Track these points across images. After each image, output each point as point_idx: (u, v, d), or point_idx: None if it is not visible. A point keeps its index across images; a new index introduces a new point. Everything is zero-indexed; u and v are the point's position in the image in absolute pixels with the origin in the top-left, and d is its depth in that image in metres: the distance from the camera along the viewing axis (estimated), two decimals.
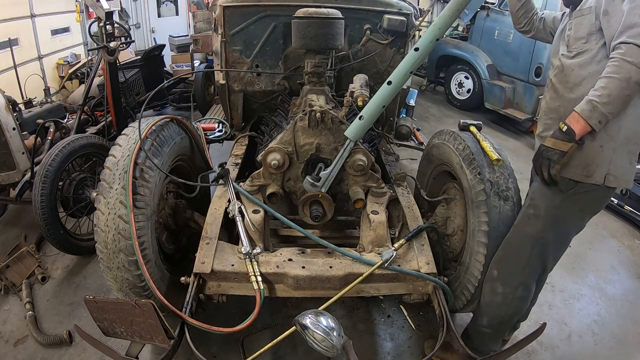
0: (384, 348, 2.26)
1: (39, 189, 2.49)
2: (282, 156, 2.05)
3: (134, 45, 6.34)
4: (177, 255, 2.30)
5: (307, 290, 1.80)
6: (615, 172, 1.57)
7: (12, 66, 4.49)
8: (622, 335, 2.45)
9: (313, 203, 2.06)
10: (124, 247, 1.73)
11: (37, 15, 5.17)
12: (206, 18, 6.91)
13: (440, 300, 1.76)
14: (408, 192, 2.33)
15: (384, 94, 1.80)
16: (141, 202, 1.78)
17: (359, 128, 1.88)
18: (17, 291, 2.56)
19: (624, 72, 1.40)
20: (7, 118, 2.78)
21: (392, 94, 1.78)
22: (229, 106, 2.93)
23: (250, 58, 2.70)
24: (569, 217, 1.70)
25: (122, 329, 1.53)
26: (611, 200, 3.77)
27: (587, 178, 1.58)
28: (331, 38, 2.17)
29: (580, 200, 1.64)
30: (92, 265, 2.79)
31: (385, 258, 1.77)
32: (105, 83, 3.74)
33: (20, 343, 2.22)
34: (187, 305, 1.64)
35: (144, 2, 7.34)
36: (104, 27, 3.42)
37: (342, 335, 1.44)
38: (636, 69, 1.39)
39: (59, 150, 2.62)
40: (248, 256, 1.75)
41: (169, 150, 2.03)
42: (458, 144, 2.11)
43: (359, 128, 1.88)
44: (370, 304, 2.52)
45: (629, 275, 2.99)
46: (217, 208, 2.04)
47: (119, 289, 1.84)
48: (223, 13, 2.57)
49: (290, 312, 2.38)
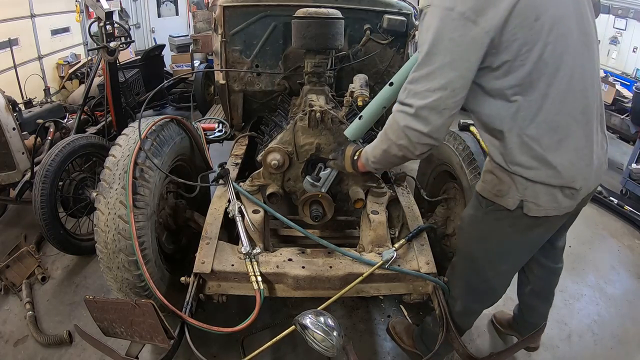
0: (384, 348, 2.26)
1: (39, 189, 2.49)
2: (282, 156, 2.05)
3: (134, 45, 6.33)
4: (177, 255, 2.30)
5: (307, 290, 1.79)
6: (535, 199, 1.32)
7: (12, 66, 4.49)
8: (622, 335, 2.45)
9: (313, 203, 2.06)
10: (124, 247, 1.73)
11: (37, 15, 5.17)
12: (206, 18, 6.92)
13: (440, 300, 1.76)
14: (408, 192, 2.33)
15: (385, 95, 1.79)
16: (141, 202, 1.78)
17: (358, 128, 1.87)
18: (17, 291, 2.56)
19: (386, 145, 1.43)
20: (7, 118, 2.78)
21: (393, 95, 1.77)
22: (229, 106, 2.93)
23: (250, 58, 2.70)
24: (497, 233, 1.49)
25: (122, 329, 1.53)
26: (611, 200, 3.77)
27: (498, 198, 1.39)
28: (331, 38, 2.17)
29: (506, 217, 1.40)
30: (92, 265, 2.79)
31: (385, 258, 1.77)
32: (105, 83, 3.74)
33: (20, 343, 2.22)
34: (187, 305, 1.64)
35: (144, 2, 7.33)
36: (104, 27, 3.42)
37: (342, 335, 1.44)
38: (394, 146, 1.38)
39: (59, 150, 2.62)
40: (248, 256, 1.75)
41: (169, 150, 2.03)
42: (458, 144, 2.11)
43: (358, 128, 1.87)
44: (370, 304, 2.52)
45: (629, 275, 2.99)
46: (217, 208, 2.04)
47: (119, 289, 1.84)
48: (223, 13, 2.57)
49: (290, 312, 2.37)
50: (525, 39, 1.17)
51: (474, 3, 1.15)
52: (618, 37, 6.05)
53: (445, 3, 1.17)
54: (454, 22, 1.16)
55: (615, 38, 6.09)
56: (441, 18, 1.17)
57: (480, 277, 1.63)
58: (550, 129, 1.26)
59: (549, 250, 1.86)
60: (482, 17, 1.15)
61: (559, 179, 1.30)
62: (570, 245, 3.16)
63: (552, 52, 1.19)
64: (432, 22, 1.20)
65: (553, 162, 1.28)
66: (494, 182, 1.40)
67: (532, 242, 1.54)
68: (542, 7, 1.17)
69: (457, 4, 1.15)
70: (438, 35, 1.18)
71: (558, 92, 1.23)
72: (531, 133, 1.26)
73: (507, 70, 1.22)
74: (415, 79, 1.26)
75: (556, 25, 1.19)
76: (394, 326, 2.25)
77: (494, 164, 1.39)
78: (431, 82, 1.22)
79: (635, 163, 3.89)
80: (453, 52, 1.18)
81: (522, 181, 1.32)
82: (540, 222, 1.39)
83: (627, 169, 3.91)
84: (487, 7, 1.15)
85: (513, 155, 1.31)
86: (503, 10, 1.14)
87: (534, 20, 1.16)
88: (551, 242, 1.77)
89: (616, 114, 5.21)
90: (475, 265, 1.62)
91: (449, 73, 1.20)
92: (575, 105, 1.27)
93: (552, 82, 1.22)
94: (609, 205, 3.76)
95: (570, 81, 1.24)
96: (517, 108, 1.25)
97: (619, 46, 6.06)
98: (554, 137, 1.27)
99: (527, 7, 1.15)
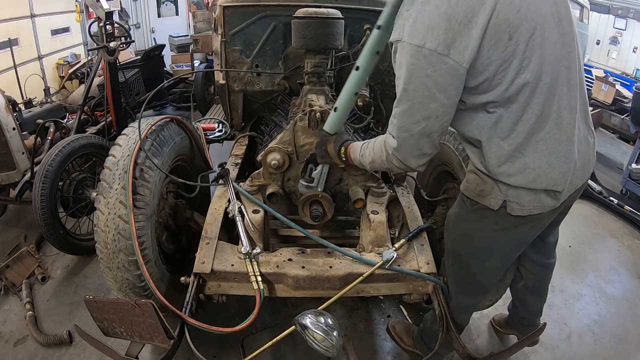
0: (384, 348, 2.26)
1: (39, 189, 2.49)
2: (282, 156, 2.05)
3: (134, 45, 6.33)
4: (177, 255, 2.30)
5: (307, 290, 1.79)
6: (518, 200, 1.33)
7: (12, 66, 4.49)
8: (622, 335, 2.45)
9: (313, 203, 2.06)
10: (124, 247, 1.73)
11: (37, 15, 5.17)
12: (206, 18, 6.92)
13: (440, 300, 1.76)
14: (408, 192, 2.33)
15: (354, 81, 1.70)
16: (141, 202, 1.78)
17: (335, 120, 1.82)
18: (17, 291, 2.56)
19: (384, 160, 1.45)
20: (7, 118, 2.78)
21: (361, 80, 1.70)
22: (229, 106, 2.93)
23: (250, 58, 2.70)
24: (482, 231, 1.49)
25: (122, 329, 1.53)
26: (611, 200, 3.77)
27: (481, 198, 1.40)
28: (331, 38, 2.17)
29: (491, 216, 1.40)
30: (92, 265, 2.79)
31: (385, 258, 1.77)
32: (105, 83, 3.74)
33: (20, 343, 2.22)
34: (187, 305, 1.64)
35: (144, 2, 7.33)
36: (104, 27, 3.43)
37: (342, 335, 1.44)
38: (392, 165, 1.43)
39: (59, 150, 2.62)
40: (248, 256, 1.75)
41: (169, 150, 2.03)
42: (458, 144, 2.11)
43: (335, 120, 1.82)
44: (370, 304, 2.52)
45: (629, 275, 2.98)
46: (217, 208, 2.04)
47: (119, 289, 1.84)
48: (223, 13, 2.57)
49: (290, 312, 2.37)
50: (501, 60, 1.16)
51: (444, 37, 1.12)
52: (618, 37, 6.05)
53: (414, 40, 1.15)
54: (426, 58, 1.15)
55: (615, 38, 6.10)
56: (412, 55, 1.16)
57: (466, 272, 1.64)
58: (530, 135, 1.25)
59: (540, 246, 1.85)
60: (454, 49, 1.13)
61: (540, 183, 1.30)
62: (570, 245, 3.17)
63: (530, 66, 1.18)
64: (403, 58, 1.19)
65: (532, 166, 1.28)
66: (476, 182, 1.40)
67: (518, 240, 1.54)
68: (515, 23, 1.14)
69: (427, 41, 1.13)
70: (412, 73, 1.18)
71: (538, 102, 1.22)
72: (510, 142, 1.26)
73: (486, 89, 1.21)
74: (398, 113, 1.28)
75: (532, 38, 1.16)
76: (394, 326, 2.25)
77: (476, 167, 1.39)
78: (414, 115, 1.24)
79: (635, 163, 3.88)
80: (429, 87, 1.18)
81: (503, 185, 1.33)
82: (525, 220, 1.39)
83: (627, 169, 3.91)
84: (457, 39, 1.13)
85: (492, 164, 1.31)
86: (475, 39, 1.13)
87: (508, 39, 1.14)
88: (542, 238, 1.76)
89: (616, 114, 5.22)
90: (462, 262, 1.64)
91: (429, 104, 1.21)
92: (556, 108, 1.25)
93: (533, 93, 1.21)
94: (609, 205, 3.76)
95: (550, 89, 1.22)
96: (496, 119, 1.25)
97: (619, 46, 6.07)
98: (533, 143, 1.26)
99: (499, 28, 1.13)
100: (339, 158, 1.79)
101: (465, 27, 1.12)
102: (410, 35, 1.16)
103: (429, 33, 1.13)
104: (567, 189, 1.35)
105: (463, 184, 1.49)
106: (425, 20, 1.14)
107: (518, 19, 1.14)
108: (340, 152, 1.76)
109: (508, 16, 1.13)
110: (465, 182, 1.47)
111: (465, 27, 1.12)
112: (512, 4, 1.14)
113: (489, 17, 1.12)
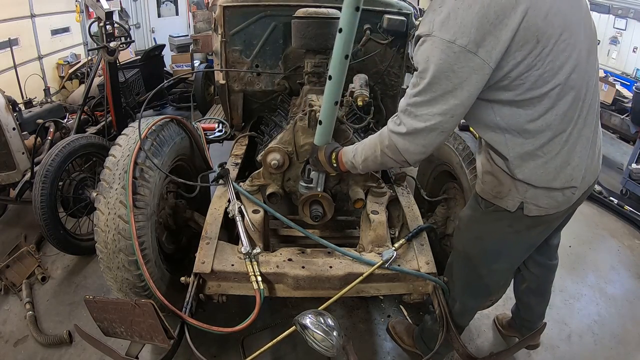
0: (384, 348, 2.26)
1: (39, 189, 2.49)
2: (282, 156, 2.05)
3: (134, 45, 6.32)
4: (177, 255, 2.30)
5: (307, 290, 1.79)
6: (535, 201, 1.36)
7: (12, 66, 4.48)
8: (622, 335, 2.45)
9: (313, 203, 2.05)
10: (124, 247, 1.73)
11: (37, 15, 5.16)
12: (206, 18, 6.92)
13: (440, 300, 1.76)
14: (408, 192, 2.33)
15: (332, 90, 1.69)
16: (141, 202, 1.78)
17: (322, 133, 1.83)
18: (17, 291, 2.56)
19: (379, 157, 1.48)
20: (7, 118, 2.78)
21: (338, 88, 1.69)
22: (229, 106, 2.93)
23: (250, 58, 2.70)
24: (495, 233, 1.51)
25: (122, 329, 1.53)
26: (611, 200, 3.77)
27: (498, 200, 1.42)
28: (331, 38, 2.16)
29: (506, 218, 1.43)
30: (92, 265, 2.79)
31: (385, 258, 1.77)
32: (105, 83, 3.74)
33: (20, 343, 2.22)
34: (187, 305, 1.64)
35: (144, 2, 7.32)
36: (104, 27, 3.42)
37: (342, 335, 1.44)
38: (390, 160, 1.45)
39: (59, 150, 2.62)
40: (248, 256, 1.75)
41: (169, 150, 2.03)
42: (458, 144, 2.11)
43: (323, 133, 1.83)
44: (370, 304, 2.52)
45: (629, 275, 2.99)
46: (217, 208, 2.04)
47: (119, 289, 1.84)
48: (223, 13, 2.57)
49: (290, 312, 2.38)
50: (526, 62, 1.18)
51: (475, 36, 1.15)
52: (618, 37, 6.05)
53: (445, 35, 1.17)
54: (456, 54, 1.17)
55: (615, 38, 6.09)
56: (442, 50, 1.18)
57: (475, 274, 1.65)
58: (554, 136, 1.28)
59: (544, 248, 1.88)
60: (483, 48, 1.15)
61: (561, 182, 1.33)
62: (570, 245, 3.17)
63: (556, 70, 1.20)
64: (433, 52, 1.20)
65: (555, 166, 1.31)
66: (493, 183, 1.41)
67: (529, 242, 1.57)
68: (543, 28, 1.16)
69: (458, 37, 1.15)
70: (440, 67, 1.19)
71: (564, 104, 1.25)
72: (535, 142, 1.29)
73: (507, 87, 1.24)
74: (417, 103, 1.28)
75: (558, 43, 1.19)
76: (394, 326, 2.25)
77: (496, 167, 1.39)
78: (432, 108, 1.26)
79: (635, 163, 3.88)
80: (455, 82, 1.20)
81: (524, 185, 1.34)
82: (540, 221, 1.42)
83: (627, 169, 3.91)
84: (487, 38, 1.15)
85: (516, 164, 1.33)
86: (504, 40, 1.15)
87: (536, 43, 1.17)
88: (546, 240, 1.77)
89: (616, 114, 5.21)
90: (471, 264, 1.64)
91: (450, 100, 1.23)
92: (580, 111, 1.29)
93: (559, 96, 1.24)
94: (609, 205, 3.76)
95: (576, 92, 1.26)
96: (520, 119, 1.28)
97: (619, 46, 6.06)
98: (556, 144, 1.29)
99: (528, 32, 1.15)
100: (330, 165, 1.79)
101: (496, 27, 1.14)
102: (441, 30, 1.18)
103: (460, 30, 1.15)
104: (582, 186, 1.40)
105: (478, 186, 1.50)
106: (457, 18, 1.16)
107: (546, 24, 1.17)
108: (332, 159, 1.77)
109: (537, 21, 1.16)
110: (480, 183, 1.48)
111: (495, 28, 1.14)
112: (542, 9, 1.16)
113: (520, 20, 1.14)
